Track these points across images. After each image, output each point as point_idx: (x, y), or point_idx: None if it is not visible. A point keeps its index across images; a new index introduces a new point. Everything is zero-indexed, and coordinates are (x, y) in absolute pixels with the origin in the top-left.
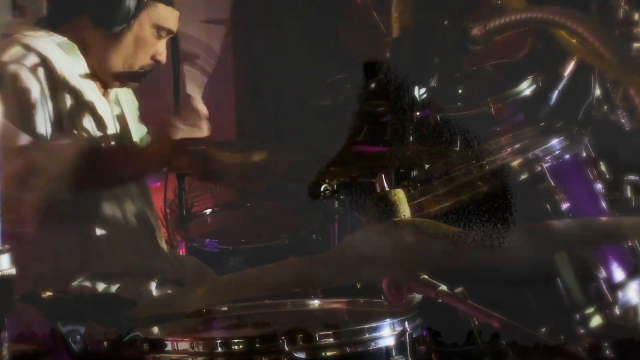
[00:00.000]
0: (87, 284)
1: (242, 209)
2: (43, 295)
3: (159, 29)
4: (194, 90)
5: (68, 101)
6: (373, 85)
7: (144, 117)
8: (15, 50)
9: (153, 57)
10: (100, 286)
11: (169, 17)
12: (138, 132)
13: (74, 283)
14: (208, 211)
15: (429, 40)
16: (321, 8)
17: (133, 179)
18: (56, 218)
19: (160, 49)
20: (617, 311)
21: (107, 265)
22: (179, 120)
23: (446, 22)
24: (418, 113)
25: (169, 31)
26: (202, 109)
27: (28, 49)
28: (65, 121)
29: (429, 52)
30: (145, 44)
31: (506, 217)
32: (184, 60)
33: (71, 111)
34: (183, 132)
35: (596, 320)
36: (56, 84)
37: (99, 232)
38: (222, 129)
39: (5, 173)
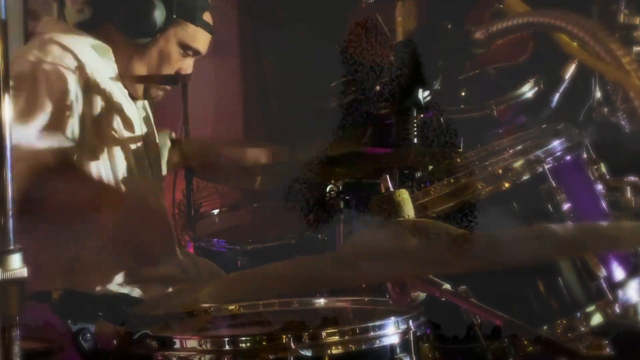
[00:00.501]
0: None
1: (249, 209)
2: (54, 294)
3: (186, 48)
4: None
5: (99, 104)
6: (378, 87)
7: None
8: (53, 50)
9: (177, 73)
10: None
11: (198, 37)
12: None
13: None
14: (216, 211)
15: (433, 43)
16: (327, 12)
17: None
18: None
19: (186, 65)
20: (617, 309)
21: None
22: None
23: (449, 26)
24: (422, 115)
25: (195, 51)
26: None
27: (65, 49)
28: (94, 123)
29: (433, 56)
30: (169, 59)
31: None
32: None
33: (101, 113)
34: None
35: (597, 318)
36: (88, 87)
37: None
38: (229, 129)
39: None
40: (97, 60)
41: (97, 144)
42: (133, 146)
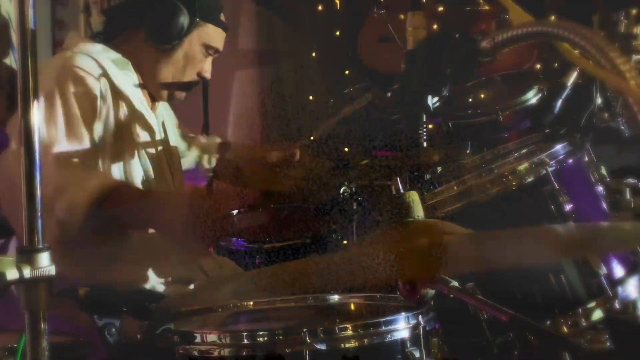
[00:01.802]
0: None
1: (267, 210)
2: (80, 291)
3: (208, 48)
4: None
5: (122, 110)
6: (389, 94)
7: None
8: (82, 59)
9: (199, 74)
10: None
11: (217, 36)
12: (177, 143)
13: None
14: (235, 212)
15: (441, 52)
16: (341, 22)
17: (144, 225)
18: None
19: (207, 66)
20: (617, 305)
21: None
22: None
23: (457, 36)
24: (431, 120)
25: (216, 50)
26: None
27: (92, 59)
28: (118, 128)
29: (442, 64)
30: (194, 60)
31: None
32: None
33: (125, 120)
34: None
35: (597, 314)
36: (114, 94)
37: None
38: (247, 130)
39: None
40: (118, 72)
41: (118, 148)
42: (152, 151)
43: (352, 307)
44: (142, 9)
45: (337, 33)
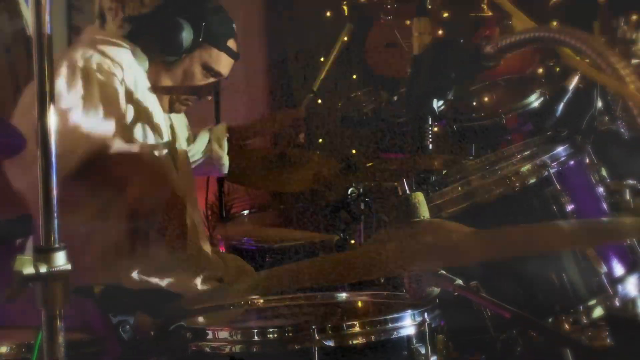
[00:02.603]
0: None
1: (276, 210)
2: (96, 289)
3: (208, 69)
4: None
5: (133, 108)
6: (395, 97)
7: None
8: (98, 58)
9: (203, 87)
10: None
11: (220, 61)
12: (185, 140)
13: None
14: (245, 212)
15: (446, 57)
16: (348, 27)
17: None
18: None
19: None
20: (617, 303)
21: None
22: None
23: (462, 41)
24: (436, 123)
25: (217, 73)
26: None
27: (107, 56)
28: (130, 125)
29: (447, 68)
30: (192, 79)
31: None
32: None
33: (136, 117)
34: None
35: (598, 311)
36: (130, 93)
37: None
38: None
39: None
40: (136, 67)
41: (127, 145)
42: (157, 153)
43: (360, 304)
44: (153, 21)
45: (345, 38)
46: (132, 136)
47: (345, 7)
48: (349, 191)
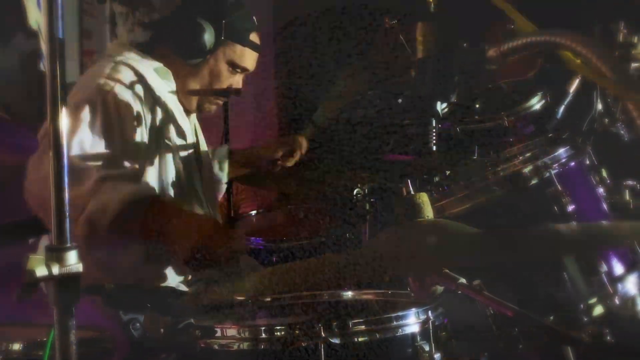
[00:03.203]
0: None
1: (284, 210)
2: (107, 287)
3: (234, 66)
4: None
5: (158, 115)
6: (400, 100)
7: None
8: (122, 71)
9: (229, 87)
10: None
11: (245, 56)
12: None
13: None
14: (253, 212)
15: (450, 60)
16: (354, 32)
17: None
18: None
19: (235, 82)
20: (617, 301)
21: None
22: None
23: (465, 45)
24: (440, 125)
25: (243, 69)
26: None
27: (129, 67)
28: (155, 131)
29: (450, 71)
30: (219, 78)
31: None
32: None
33: (161, 123)
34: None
35: (598, 310)
36: (151, 99)
37: None
38: (266, 139)
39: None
40: (158, 80)
41: (154, 150)
42: (184, 154)
43: (365, 302)
44: (173, 24)
45: (351, 42)
46: (161, 141)
47: (351, 12)
48: (355, 191)
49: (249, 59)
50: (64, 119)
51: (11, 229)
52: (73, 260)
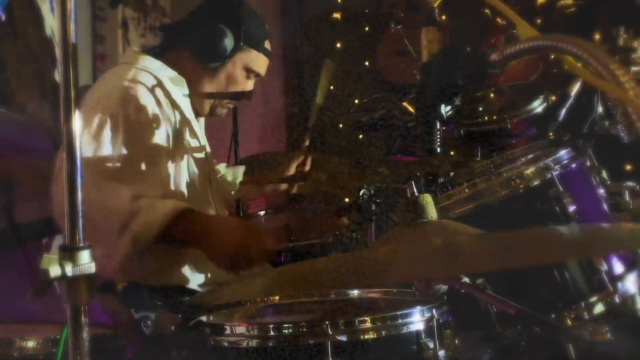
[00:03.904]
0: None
1: (292, 211)
2: (119, 286)
3: (249, 71)
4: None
5: (176, 118)
6: (405, 103)
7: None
8: (135, 74)
9: (242, 92)
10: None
11: (260, 62)
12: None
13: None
14: (262, 213)
15: (454, 64)
16: (360, 37)
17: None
18: None
19: (248, 87)
20: (617, 300)
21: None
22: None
23: (469, 49)
24: (444, 128)
25: (257, 74)
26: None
27: (147, 72)
28: (173, 134)
29: (454, 75)
30: (236, 82)
31: None
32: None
33: (178, 126)
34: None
35: (599, 308)
36: (170, 104)
37: None
38: (274, 143)
39: (111, 204)
40: (173, 86)
41: (172, 152)
42: (198, 155)
43: (371, 300)
44: (191, 28)
45: (357, 47)
46: (178, 143)
47: (357, 18)
48: (361, 192)
49: (262, 64)
50: (78, 122)
51: (27, 228)
52: (86, 260)
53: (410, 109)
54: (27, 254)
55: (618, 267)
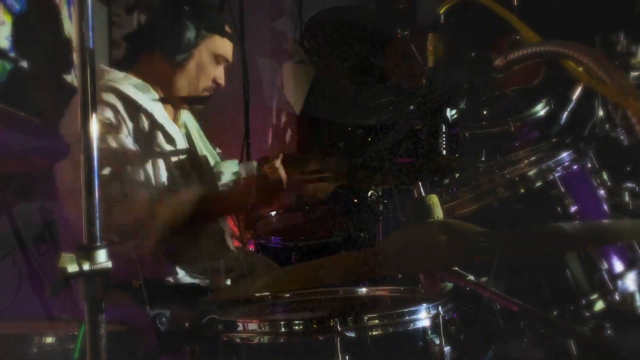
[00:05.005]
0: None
1: (302, 211)
2: (134, 284)
3: (217, 57)
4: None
5: (145, 122)
6: (412, 107)
7: (213, 140)
8: (103, 90)
9: (214, 81)
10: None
11: (225, 46)
12: (205, 150)
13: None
14: (273, 213)
15: (459, 69)
16: (368, 42)
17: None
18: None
19: (219, 73)
20: (616, 297)
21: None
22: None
23: (473, 54)
24: (450, 130)
25: (225, 59)
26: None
27: (113, 86)
28: (143, 137)
29: (459, 80)
30: (205, 69)
31: None
32: (253, 91)
33: (148, 130)
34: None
35: (599, 305)
36: (133, 110)
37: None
38: (285, 144)
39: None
40: (139, 94)
41: (144, 155)
42: (174, 159)
43: (378, 298)
44: (153, 29)
45: (365, 52)
46: (150, 147)
47: (365, 24)
48: (369, 193)
49: (228, 48)
50: (94, 123)
51: (44, 227)
52: (103, 258)
53: (417, 112)
54: (44, 252)
55: (618, 266)
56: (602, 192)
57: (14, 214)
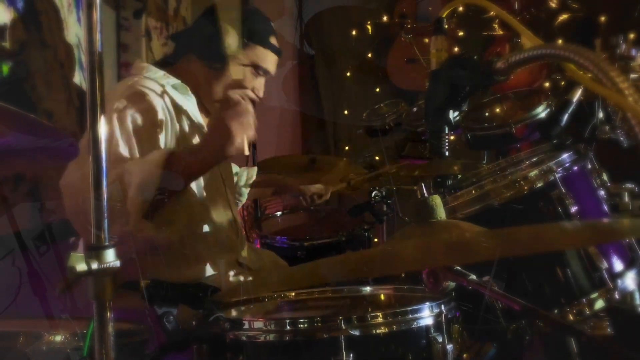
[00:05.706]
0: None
1: (307, 211)
2: (142, 283)
3: (257, 68)
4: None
5: (183, 123)
6: (415, 109)
7: None
8: (146, 81)
9: (252, 91)
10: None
11: (267, 58)
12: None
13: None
14: (279, 213)
15: (461, 72)
16: (372, 46)
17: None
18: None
19: (258, 84)
20: (616, 296)
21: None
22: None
23: (476, 57)
24: (452, 132)
25: (265, 71)
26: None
27: (155, 81)
28: (180, 138)
29: (462, 82)
30: (244, 80)
31: None
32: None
33: (187, 132)
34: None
35: (599, 304)
36: (175, 109)
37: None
38: (290, 146)
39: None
40: (177, 94)
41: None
42: None
43: (382, 297)
44: (196, 32)
45: (369, 55)
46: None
47: (369, 27)
48: (373, 194)
49: (270, 61)
50: (103, 125)
51: (55, 227)
52: (111, 258)
53: (420, 114)
54: (55, 252)
55: (618, 265)
56: (602, 192)
57: (14, 214)
